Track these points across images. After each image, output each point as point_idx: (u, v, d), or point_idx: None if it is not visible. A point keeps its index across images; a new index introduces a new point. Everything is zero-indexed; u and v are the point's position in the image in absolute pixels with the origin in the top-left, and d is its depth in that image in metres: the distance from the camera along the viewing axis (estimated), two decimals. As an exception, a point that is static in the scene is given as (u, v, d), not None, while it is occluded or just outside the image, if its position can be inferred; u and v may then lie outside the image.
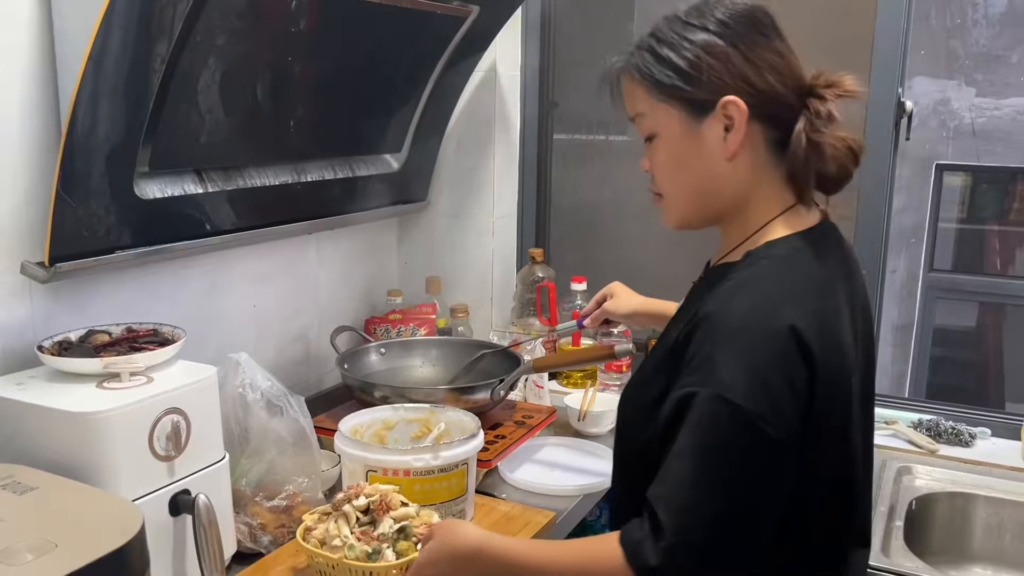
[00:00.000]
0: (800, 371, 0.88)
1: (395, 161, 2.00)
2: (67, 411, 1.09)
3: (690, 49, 0.94)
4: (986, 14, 3.76)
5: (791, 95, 0.94)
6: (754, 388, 0.86)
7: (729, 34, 0.93)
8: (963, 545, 1.75)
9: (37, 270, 1.26)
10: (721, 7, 0.94)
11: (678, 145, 0.98)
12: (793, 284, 0.93)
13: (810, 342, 0.88)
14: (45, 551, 0.85)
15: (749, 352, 0.87)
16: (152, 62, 1.26)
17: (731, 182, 0.98)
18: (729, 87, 0.93)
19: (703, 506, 0.86)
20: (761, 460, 0.87)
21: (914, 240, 4.07)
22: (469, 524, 1.11)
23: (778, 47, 0.94)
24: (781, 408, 0.86)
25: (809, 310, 0.90)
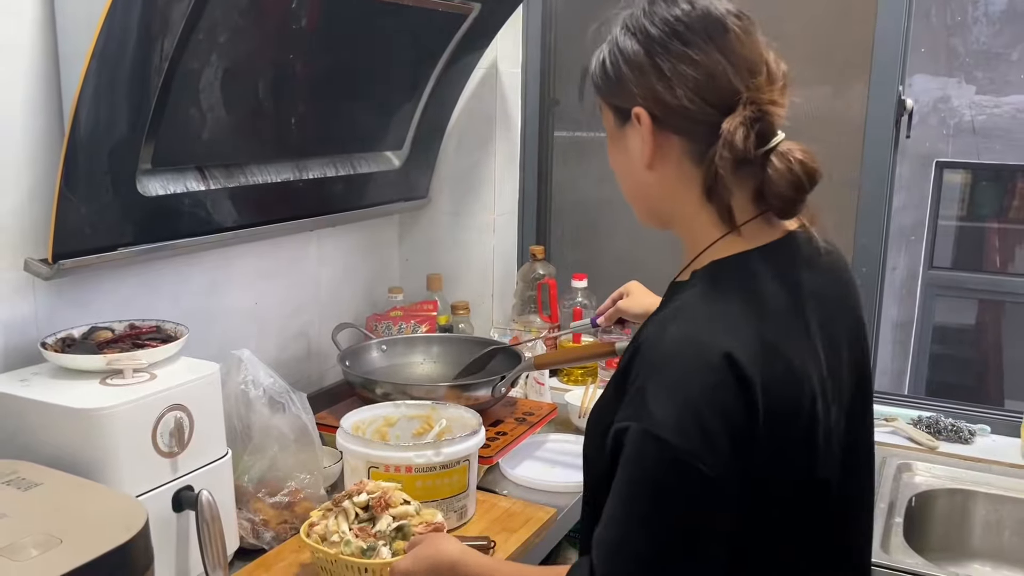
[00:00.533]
0: (737, 402, 0.82)
1: (396, 158, 2.00)
2: (71, 407, 1.10)
3: (617, 56, 0.93)
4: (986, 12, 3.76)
5: (709, 110, 0.87)
6: (685, 424, 0.81)
7: (648, 43, 0.90)
8: (963, 542, 1.76)
9: (40, 267, 1.27)
10: (655, 16, 0.91)
11: (614, 147, 0.99)
12: (731, 309, 0.87)
13: (747, 369, 0.82)
14: (50, 547, 0.86)
15: (680, 385, 0.83)
16: (155, 59, 1.26)
17: (658, 191, 0.95)
18: (638, 98, 0.91)
19: (630, 545, 0.83)
20: (692, 498, 0.82)
21: (914, 238, 4.07)
22: (452, 539, 1.12)
23: (700, 59, 0.87)
24: (714, 444, 0.81)
25: (750, 335, 0.85)
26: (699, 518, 0.83)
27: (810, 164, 0.87)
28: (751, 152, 0.86)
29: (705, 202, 0.91)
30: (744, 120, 0.85)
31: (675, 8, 0.89)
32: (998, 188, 4.20)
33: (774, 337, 0.86)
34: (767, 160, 0.87)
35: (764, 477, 0.86)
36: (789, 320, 0.89)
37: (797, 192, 0.88)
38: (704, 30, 0.88)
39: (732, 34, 0.88)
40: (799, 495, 0.91)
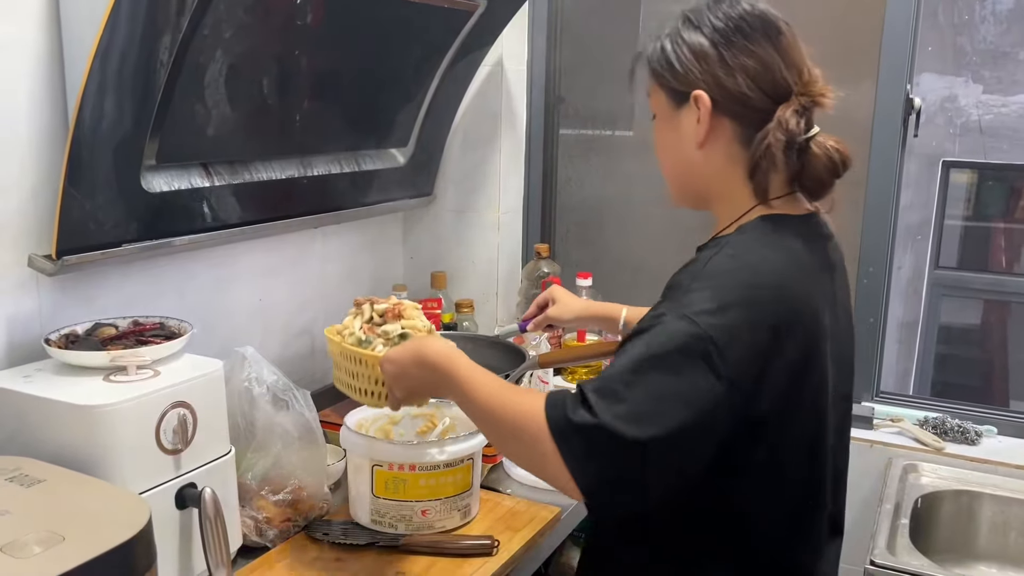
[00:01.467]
0: (761, 330, 0.91)
1: (401, 156, 1.99)
2: (74, 404, 1.10)
3: (681, 45, 1.03)
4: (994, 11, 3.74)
5: (763, 98, 0.99)
6: (719, 320, 0.89)
7: (715, 36, 1.01)
8: (969, 543, 1.75)
9: (44, 263, 1.26)
10: (719, 12, 1.02)
11: (665, 127, 1.08)
12: (777, 251, 0.98)
13: (778, 307, 0.93)
14: (52, 544, 0.85)
15: (726, 290, 0.92)
16: (159, 55, 1.25)
17: (704, 169, 1.05)
18: (701, 83, 1.01)
19: (629, 401, 0.88)
20: (696, 387, 0.88)
21: (920, 237, 4.06)
22: (444, 340, 1.15)
23: (761, 53, 0.99)
24: (739, 352, 0.89)
25: (786, 279, 0.96)
26: (699, 401, 0.88)
27: (844, 152, 1.01)
28: (799, 136, 0.98)
29: (746, 180, 1.02)
30: (797, 108, 0.98)
31: (737, 7, 1.01)
32: (1004, 188, 4.18)
33: (806, 288, 0.98)
34: (807, 146, 0.99)
35: (782, 404, 0.94)
36: (818, 278, 1.02)
37: (831, 176, 1.01)
38: (762, 28, 1.00)
39: (784, 36, 1.01)
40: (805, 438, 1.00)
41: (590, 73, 2.26)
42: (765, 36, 1.00)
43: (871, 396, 1.99)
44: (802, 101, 0.99)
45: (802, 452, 1.02)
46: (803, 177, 1.01)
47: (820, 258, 1.04)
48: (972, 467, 1.79)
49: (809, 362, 0.97)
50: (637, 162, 2.22)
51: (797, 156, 0.99)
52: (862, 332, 1.95)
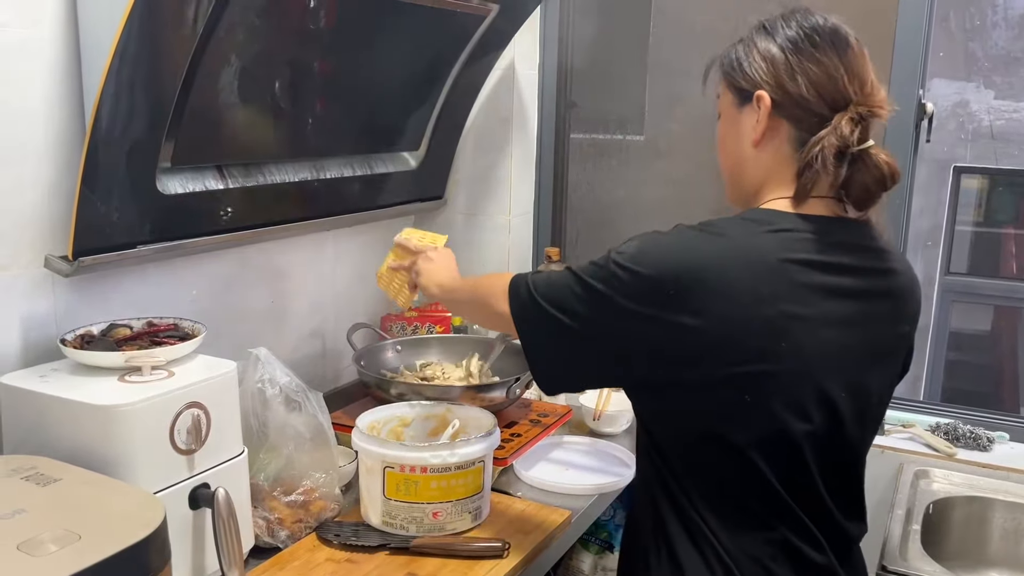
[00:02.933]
0: (686, 286, 0.98)
1: (413, 159, 2.00)
2: (89, 404, 1.10)
3: (752, 49, 1.09)
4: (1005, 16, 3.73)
5: (822, 105, 1.03)
6: (636, 257, 1.02)
7: (786, 44, 1.06)
8: (980, 550, 1.74)
9: (60, 264, 1.27)
10: (792, 22, 1.07)
11: (727, 125, 1.14)
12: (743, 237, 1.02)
13: (693, 291, 0.97)
14: (68, 542, 0.86)
15: (660, 241, 1.04)
16: (175, 59, 1.26)
17: (754, 166, 1.10)
18: (765, 84, 1.06)
19: (549, 288, 1.11)
20: (598, 302, 1.04)
21: (930, 243, 4.05)
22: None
23: (826, 62, 1.04)
24: (643, 290, 1.00)
25: (726, 260, 0.99)
26: (592, 321, 1.05)
27: (894, 166, 1.03)
28: (853, 145, 1.01)
29: (791, 180, 1.06)
30: (853, 117, 1.01)
31: (810, 19, 1.07)
32: (1015, 194, 4.16)
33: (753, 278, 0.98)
34: (858, 157, 1.02)
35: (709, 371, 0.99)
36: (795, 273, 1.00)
37: (879, 187, 1.03)
38: (831, 41, 1.05)
39: (852, 50, 1.05)
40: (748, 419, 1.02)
41: (601, 77, 2.26)
42: (832, 47, 1.05)
43: (882, 402, 1.98)
44: (860, 111, 1.02)
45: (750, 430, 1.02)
46: (850, 185, 1.04)
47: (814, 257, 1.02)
48: (984, 473, 1.78)
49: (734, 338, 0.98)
50: (647, 166, 2.22)
51: (848, 164, 1.02)
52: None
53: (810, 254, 1.02)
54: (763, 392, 1.00)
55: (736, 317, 0.97)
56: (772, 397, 1.00)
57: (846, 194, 1.06)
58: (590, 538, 1.85)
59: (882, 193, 1.04)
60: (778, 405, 1.00)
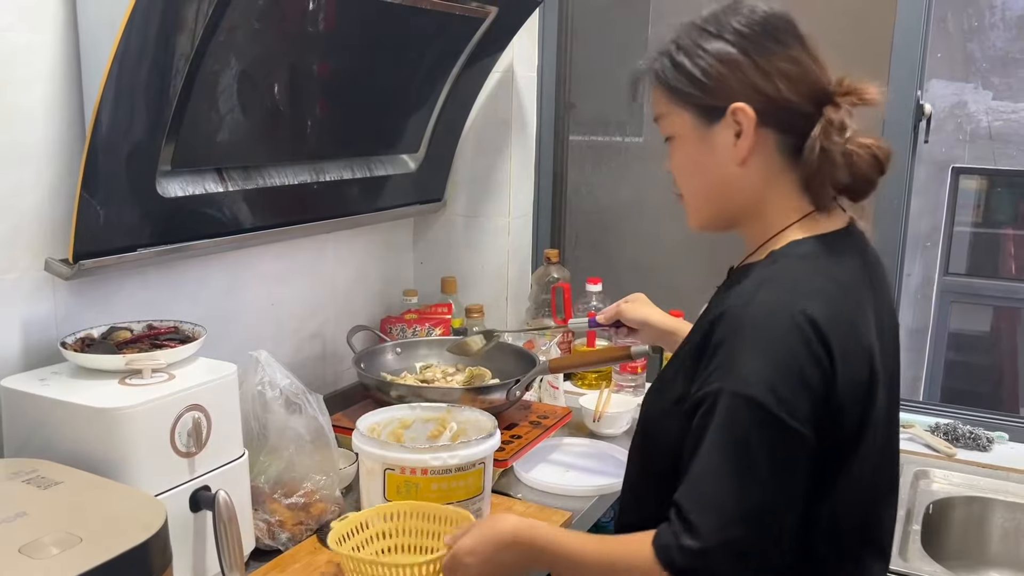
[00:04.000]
0: (821, 366, 0.88)
1: (412, 161, 2.00)
2: (90, 407, 1.10)
3: (703, 57, 0.95)
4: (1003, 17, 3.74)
5: (805, 102, 0.95)
6: (776, 383, 0.86)
7: (742, 42, 0.94)
8: (980, 550, 1.74)
9: (61, 267, 1.27)
10: (738, 15, 0.96)
11: (692, 148, 1.01)
12: (816, 281, 0.93)
13: (831, 338, 0.88)
14: (70, 545, 0.86)
15: (771, 346, 0.88)
16: (175, 62, 1.27)
17: (743, 187, 0.99)
18: (739, 94, 0.94)
19: (737, 504, 0.86)
20: (785, 453, 0.87)
21: (929, 244, 4.05)
22: (508, 514, 1.11)
23: (794, 55, 0.94)
24: (801, 403, 0.87)
25: (832, 307, 0.90)
26: (793, 473, 0.87)
27: (885, 147, 0.95)
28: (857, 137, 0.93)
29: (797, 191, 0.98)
30: (847, 107, 0.94)
31: (758, 10, 0.95)
32: (1014, 194, 4.17)
33: (851, 315, 0.92)
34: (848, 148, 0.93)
35: (835, 442, 0.91)
36: (860, 297, 0.96)
37: (877, 174, 0.95)
38: (790, 31, 0.95)
39: (807, 37, 0.97)
40: (858, 470, 0.95)
41: (600, 79, 2.26)
42: (794, 38, 0.96)
43: (882, 402, 1.98)
44: (851, 100, 0.95)
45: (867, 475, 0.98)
46: (853, 179, 0.95)
47: (861, 276, 0.99)
48: (984, 473, 1.78)
49: (861, 387, 0.93)
50: (647, 168, 2.22)
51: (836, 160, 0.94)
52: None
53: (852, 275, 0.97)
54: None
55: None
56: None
57: (847, 189, 0.98)
58: (590, 540, 1.86)
59: (880, 177, 0.97)
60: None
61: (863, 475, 0.97)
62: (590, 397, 1.87)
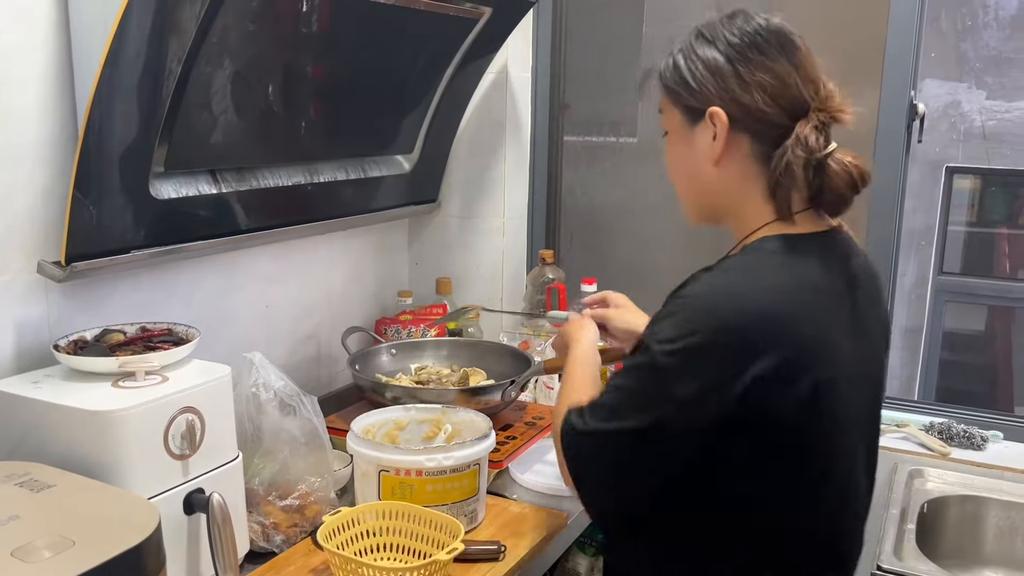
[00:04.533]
0: (746, 358, 0.92)
1: (406, 162, 2.00)
2: (83, 409, 1.10)
3: (695, 62, 1.02)
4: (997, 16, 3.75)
5: (781, 115, 0.99)
6: (675, 348, 0.94)
7: (729, 51, 1.00)
8: (975, 549, 1.75)
9: (53, 269, 1.27)
10: (733, 26, 1.01)
11: (678, 143, 1.08)
12: (772, 275, 0.98)
13: (762, 330, 0.93)
14: (63, 548, 0.86)
15: (691, 319, 0.95)
16: (168, 63, 1.26)
17: (720, 185, 1.05)
18: (717, 99, 1.01)
19: (603, 406, 1.02)
20: (650, 402, 0.96)
21: (924, 243, 4.06)
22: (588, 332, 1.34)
23: (777, 69, 0.99)
24: (689, 381, 0.93)
25: (779, 302, 0.95)
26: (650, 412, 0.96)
27: (863, 167, 1.00)
28: (820, 152, 0.97)
29: (763, 197, 1.03)
30: (816, 124, 0.97)
31: (752, 22, 1.01)
32: (1008, 194, 4.18)
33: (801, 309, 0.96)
34: (825, 163, 0.98)
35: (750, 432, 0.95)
36: (826, 297, 0.99)
37: (851, 192, 0.99)
38: (778, 44, 1.00)
39: (800, 51, 1.00)
40: (791, 470, 0.99)
41: (594, 80, 2.26)
42: (781, 51, 0.99)
43: (876, 402, 1.99)
44: (821, 117, 0.98)
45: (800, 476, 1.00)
46: (823, 194, 0.99)
47: (836, 277, 1.02)
48: (978, 472, 1.78)
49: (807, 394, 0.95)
50: (641, 168, 2.22)
51: (815, 173, 0.98)
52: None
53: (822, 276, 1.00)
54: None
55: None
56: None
57: (819, 202, 1.02)
58: (586, 540, 1.85)
59: (855, 195, 1.00)
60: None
61: (800, 473, 1.00)
62: (585, 398, 1.87)
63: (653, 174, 2.16)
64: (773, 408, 0.94)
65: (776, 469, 0.98)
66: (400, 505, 1.30)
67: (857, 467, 1.06)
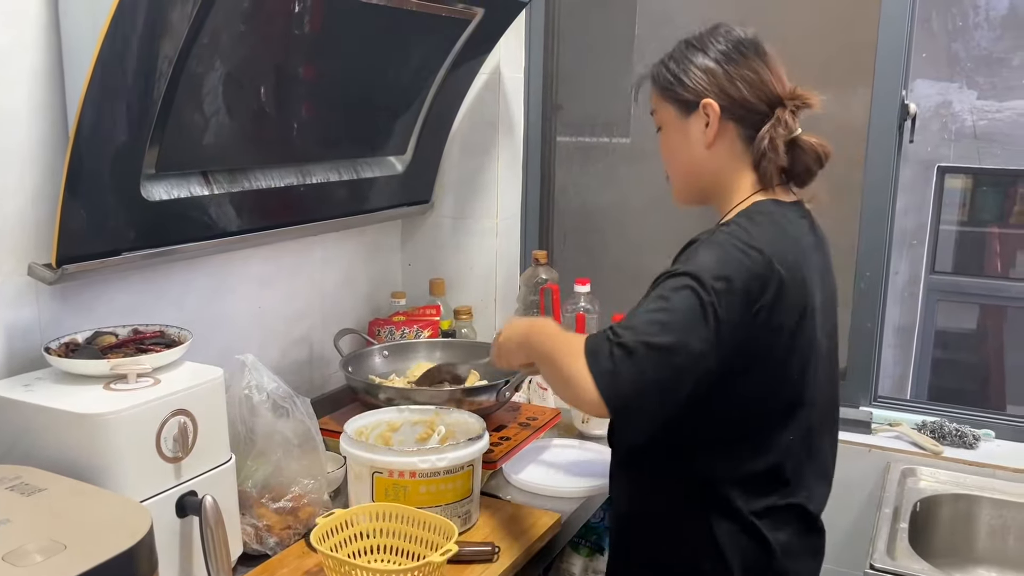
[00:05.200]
0: (764, 285, 1.11)
1: (399, 163, 2.00)
2: (74, 412, 1.10)
3: (687, 64, 1.24)
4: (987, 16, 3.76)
5: (761, 104, 1.21)
6: (718, 274, 1.10)
7: (717, 55, 1.23)
8: (968, 547, 1.75)
9: (44, 272, 1.26)
10: (717, 36, 1.24)
11: (673, 135, 1.28)
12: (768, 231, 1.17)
13: (780, 266, 1.12)
14: (54, 552, 0.85)
15: (725, 254, 1.12)
16: (159, 64, 1.26)
17: (710, 166, 1.26)
18: (709, 93, 1.22)
19: (648, 331, 1.08)
20: (701, 324, 1.08)
21: (915, 242, 4.08)
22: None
23: (756, 67, 1.21)
24: (733, 301, 1.09)
25: (780, 247, 1.15)
26: (701, 342, 1.08)
27: (826, 146, 1.22)
28: (795, 132, 1.20)
29: (749, 172, 1.24)
30: (792, 109, 1.20)
31: (733, 33, 1.24)
32: (999, 193, 4.20)
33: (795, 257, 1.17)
34: (795, 143, 1.21)
35: (756, 357, 1.14)
36: (808, 252, 1.21)
37: (817, 166, 1.23)
38: (755, 49, 1.23)
39: (769, 56, 1.24)
40: (792, 386, 1.20)
41: (587, 80, 2.27)
42: (757, 54, 1.23)
43: (869, 400, 1.99)
44: (795, 104, 1.20)
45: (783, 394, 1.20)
46: (796, 166, 1.22)
47: (808, 234, 1.24)
48: (970, 471, 1.79)
49: (796, 318, 1.16)
50: (634, 169, 2.22)
51: (790, 149, 1.20)
52: (859, 337, 1.96)
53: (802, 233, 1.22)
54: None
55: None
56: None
57: (789, 176, 1.24)
58: (580, 541, 1.86)
59: (819, 170, 1.23)
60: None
61: (798, 390, 1.21)
62: (579, 398, 1.86)
63: (646, 174, 2.17)
64: (776, 327, 1.13)
65: (761, 381, 1.17)
66: (394, 507, 1.30)
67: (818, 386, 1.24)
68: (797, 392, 1.20)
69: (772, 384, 1.18)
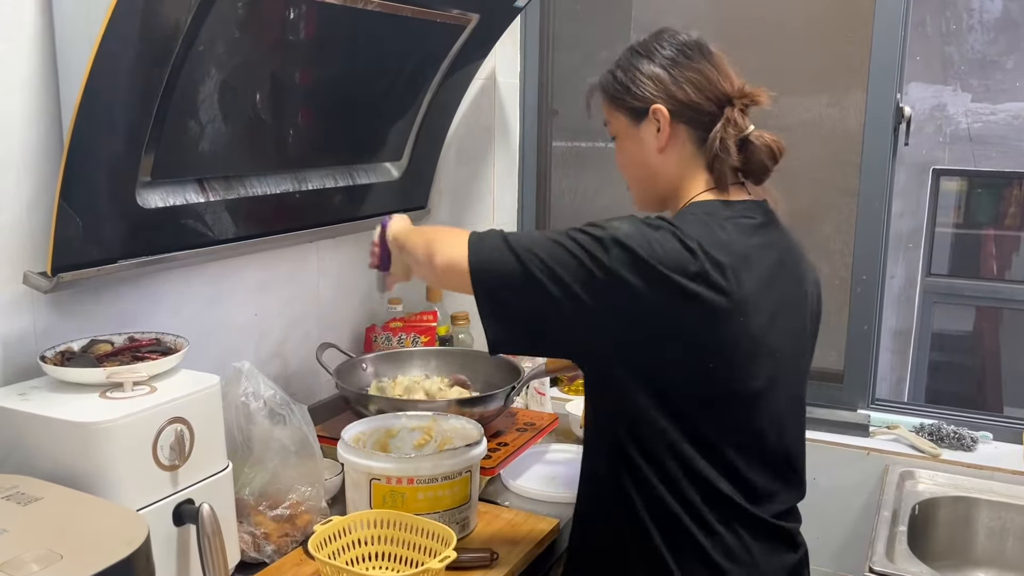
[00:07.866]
0: (680, 263, 1.09)
1: (395, 169, 2.00)
2: (70, 421, 1.09)
3: (634, 72, 1.24)
4: (981, 20, 3.78)
5: (709, 104, 1.20)
6: (631, 239, 1.10)
7: (662, 60, 1.23)
8: (967, 549, 1.75)
9: (39, 280, 1.26)
10: (661, 41, 1.24)
11: (627, 143, 1.28)
12: (703, 220, 1.16)
13: (702, 255, 1.10)
14: (50, 562, 0.85)
15: (642, 227, 1.12)
16: (154, 72, 1.26)
17: (664, 169, 1.25)
18: (657, 98, 1.22)
19: (526, 241, 1.15)
20: (578, 267, 1.10)
21: (911, 245, 4.09)
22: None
23: (701, 69, 1.21)
24: (635, 264, 1.09)
25: (708, 234, 1.13)
26: (566, 273, 1.10)
27: (780, 142, 1.22)
28: (744, 131, 1.19)
29: (702, 173, 1.23)
30: (741, 108, 1.20)
31: (677, 37, 1.24)
32: (994, 195, 4.21)
33: (729, 243, 1.14)
34: (748, 141, 1.20)
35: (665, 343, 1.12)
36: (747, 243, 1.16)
37: (772, 161, 1.21)
38: (700, 51, 1.23)
39: (715, 56, 1.24)
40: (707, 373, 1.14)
41: (582, 86, 2.26)
42: (702, 56, 1.23)
43: (867, 403, 1.99)
44: (744, 102, 1.20)
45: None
46: (750, 163, 1.21)
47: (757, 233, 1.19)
48: (969, 473, 1.79)
49: (721, 310, 1.11)
50: (630, 173, 2.22)
51: (742, 147, 1.20)
52: (856, 340, 1.96)
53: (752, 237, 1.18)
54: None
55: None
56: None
57: (745, 174, 1.23)
58: (579, 546, 1.85)
59: (774, 166, 1.21)
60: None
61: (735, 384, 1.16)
62: (577, 403, 1.87)
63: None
64: (694, 314, 1.10)
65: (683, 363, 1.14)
66: (392, 514, 1.30)
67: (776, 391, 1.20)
68: (730, 388, 1.16)
69: (697, 372, 1.14)
